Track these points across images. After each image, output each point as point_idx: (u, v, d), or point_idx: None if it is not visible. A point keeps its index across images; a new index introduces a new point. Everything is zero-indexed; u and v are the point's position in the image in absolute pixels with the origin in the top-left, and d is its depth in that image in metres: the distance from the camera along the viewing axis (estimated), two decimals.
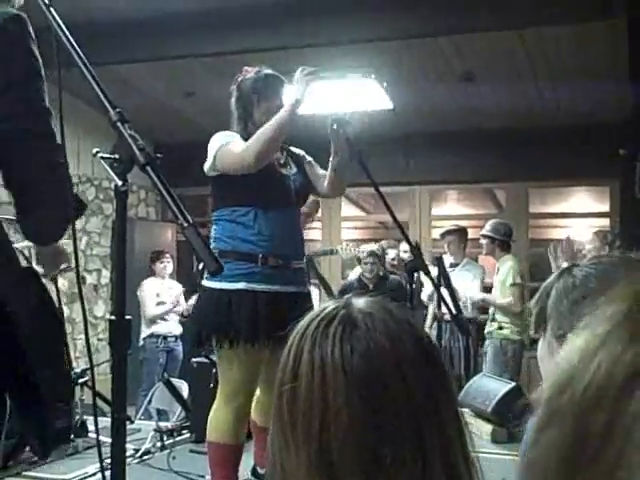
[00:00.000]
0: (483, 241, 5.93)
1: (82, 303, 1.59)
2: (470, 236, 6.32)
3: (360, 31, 5.09)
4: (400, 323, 0.88)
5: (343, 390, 0.81)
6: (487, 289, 6.15)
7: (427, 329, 6.08)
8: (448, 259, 5.78)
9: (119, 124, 1.21)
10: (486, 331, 5.85)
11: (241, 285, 2.93)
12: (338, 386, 0.81)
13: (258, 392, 3.21)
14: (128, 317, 1.23)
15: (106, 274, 8.06)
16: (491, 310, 5.90)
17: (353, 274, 6.44)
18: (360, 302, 0.89)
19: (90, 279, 7.77)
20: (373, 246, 6.15)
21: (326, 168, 3.22)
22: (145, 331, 6.75)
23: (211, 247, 2.85)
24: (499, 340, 5.70)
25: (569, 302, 1.26)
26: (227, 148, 2.99)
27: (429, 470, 0.81)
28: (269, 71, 3.15)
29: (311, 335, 0.86)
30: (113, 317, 1.22)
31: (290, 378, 0.86)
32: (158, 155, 1.21)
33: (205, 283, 3.05)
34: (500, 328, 5.72)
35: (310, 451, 0.82)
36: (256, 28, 5.25)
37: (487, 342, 5.81)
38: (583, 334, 0.49)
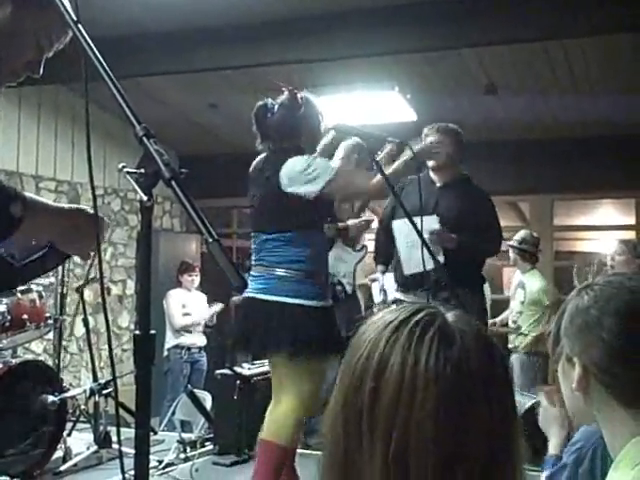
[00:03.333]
0: (511, 254, 5.91)
1: (106, 315, 1.60)
2: None
3: (384, 44, 5.09)
4: (489, 345, 0.89)
5: (432, 400, 0.82)
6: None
7: None
8: None
9: (145, 139, 1.22)
10: (511, 345, 5.80)
11: (313, 302, 3.13)
12: (428, 395, 0.82)
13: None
14: (153, 332, 1.24)
15: (131, 285, 8.12)
16: (512, 323, 5.86)
17: None
18: (450, 316, 0.90)
19: (115, 290, 7.83)
20: None
21: None
22: (170, 342, 6.79)
23: (297, 268, 3.11)
24: (526, 354, 5.67)
25: (574, 327, 1.25)
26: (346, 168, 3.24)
27: None
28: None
29: (405, 339, 0.86)
30: (138, 332, 1.22)
31: (374, 376, 0.86)
32: (183, 170, 1.22)
33: (269, 298, 3.14)
34: (525, 336, 5.69)
35: (388, 453, 0.83)
36: (279, 41, 5.28)
37: (513, 356, 5.76)
38: None
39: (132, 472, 1.33)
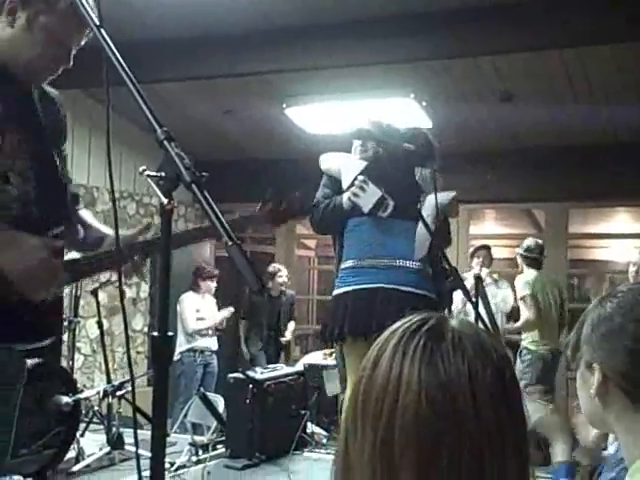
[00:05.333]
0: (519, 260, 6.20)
1: (124, 318, 1.61)
2: (507, 255, 6.33)
3: (401, 51, 5.10)
4: (487, 353, 0.90)
5: (415, 392, 0.86)
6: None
7: None
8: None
9: (166, 142, 1.23)
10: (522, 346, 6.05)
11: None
12: (411, 388, 0.86)
13: None
14: (170, 334, 1.25)
15: (145, 288, 8.14)
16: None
17: None
18: (454, 321, 0.94)
19: (129, 293, 7.86)
20: None
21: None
22: (183, 346, 6.81)
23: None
24: (528, 353, 5.94)
25: (597, 335, 1.25)
26: None
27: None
28: None
29: (400, 332, 0.92)
30: (156, 333, 1.24)
31: (371, 366, 0.91)
32: (203, 173, 1.23)
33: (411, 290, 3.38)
34: (532, 341, 5.95)
35: (375, 440, 0.87)
36: (295, 48, 5.29)
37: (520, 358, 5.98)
38: None
39: (145, 473, 1.34)
